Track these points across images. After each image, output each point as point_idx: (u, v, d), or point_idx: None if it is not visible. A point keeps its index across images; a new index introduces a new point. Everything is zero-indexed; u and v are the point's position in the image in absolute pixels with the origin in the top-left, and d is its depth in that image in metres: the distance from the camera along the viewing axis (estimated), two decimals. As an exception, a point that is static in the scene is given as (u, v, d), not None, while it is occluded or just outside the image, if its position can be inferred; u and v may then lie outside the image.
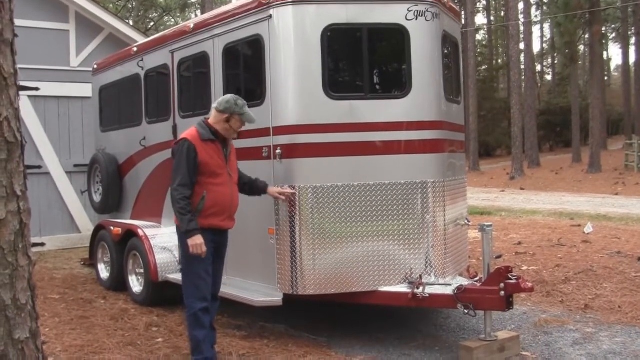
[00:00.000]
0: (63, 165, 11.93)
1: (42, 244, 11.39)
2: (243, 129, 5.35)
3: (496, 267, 5.34)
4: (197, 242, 4.87)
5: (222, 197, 5.06)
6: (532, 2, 53.45)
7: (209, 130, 5.09)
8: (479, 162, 38.36)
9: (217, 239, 5.17)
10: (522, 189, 25.27)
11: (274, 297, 5.83)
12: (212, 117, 5.16)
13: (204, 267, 5.04)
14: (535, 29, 65.55)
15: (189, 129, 5.20)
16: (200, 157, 4.96)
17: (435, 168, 5.90)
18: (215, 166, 5.04)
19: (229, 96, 5.21)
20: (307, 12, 5.73)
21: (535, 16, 57.01)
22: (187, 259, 5.02)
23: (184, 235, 4.95)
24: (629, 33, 47.93)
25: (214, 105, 5.22)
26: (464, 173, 7.05)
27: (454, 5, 6.78)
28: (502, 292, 5.16)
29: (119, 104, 8.99)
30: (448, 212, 6.03)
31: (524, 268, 8.77)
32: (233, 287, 6.16)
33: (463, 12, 37.15)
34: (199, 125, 5.14)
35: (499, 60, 60.50)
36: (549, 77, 67.88)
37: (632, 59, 47.18)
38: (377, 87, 6.17)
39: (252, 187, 5.58)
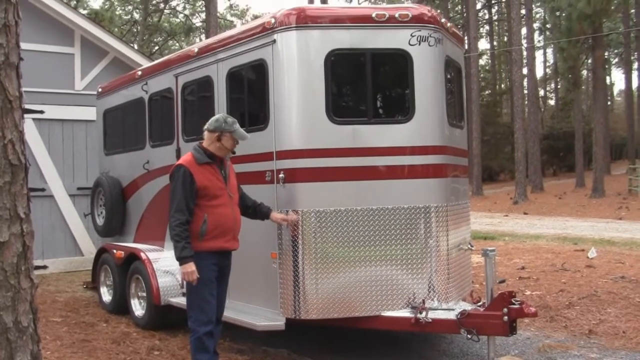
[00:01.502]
0: (66, 188, 11.95)
1: (45, 267, 11.38)
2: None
3: (499, 292, 5.31)
4: (189, 270, 4.90)
5: (223, 218, 5.07)
6: (535, 28, 53.79)
7: (205, 154, 5.12)
8: (482, 187, 38.29)
9: (221, 262, 5.16)
10: (525, 213, 25.20)
11: (277, 322, 5.80)
12: (205, 138, 5.19)
13: (209, 290, 5.04)
14: (538, 54, 65.85)
15: (185, 155, 5.23)
16: (198, 182, 4.98)
17: (438, 193, 5.90)
18: (215, 188, 5.05)
19: (218, 115, 5.26)
20: (311, 37, 5.77)
21: (538, 41, 57.38)
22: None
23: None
24: (632, 58, 48.16)
25: (204, 126, 5.24)
26: (467, 198, 7.04)
27: (456, 31, 6.82)
28: (506, 317, 5.13)
29: (123, 128, 9.03)
30: (451, 237, 6.02)
31: (528, 293, 8.71)
32: (235, 310, 6.13)
33: (466, 37, 37.32)
34: (194, 149, 5.17)
35: (502, 85, 60.73)
36: (552, 102, 68.15)
37: (634, 83, 47.51)
38: (380, 111, 6.18)
39: (256, 211, 5.58)
